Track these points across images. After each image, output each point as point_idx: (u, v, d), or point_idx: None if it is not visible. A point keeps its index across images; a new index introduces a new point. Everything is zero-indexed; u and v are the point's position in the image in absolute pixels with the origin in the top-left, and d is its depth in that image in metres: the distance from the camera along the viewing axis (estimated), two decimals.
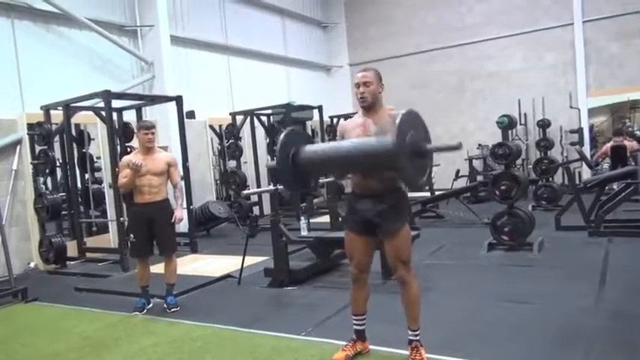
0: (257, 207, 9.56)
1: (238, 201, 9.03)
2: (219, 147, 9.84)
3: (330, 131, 11.69)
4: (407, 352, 2.91)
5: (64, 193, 6.82)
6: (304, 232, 5.50)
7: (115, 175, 6.02)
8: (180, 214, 4.51)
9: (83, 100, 6.38)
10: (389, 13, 12.81)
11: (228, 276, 5.40)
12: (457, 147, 2.55)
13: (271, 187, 5.05)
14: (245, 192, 5.70)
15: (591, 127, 10.96)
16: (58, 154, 6.84)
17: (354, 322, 3.08)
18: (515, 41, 11.45)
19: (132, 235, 4.39)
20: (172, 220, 4.40)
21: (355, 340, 3.07)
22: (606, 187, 7.06)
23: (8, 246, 5.25)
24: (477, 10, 11.86)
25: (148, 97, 7.69)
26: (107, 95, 6.16)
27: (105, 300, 4.89)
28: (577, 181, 8.01)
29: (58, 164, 6.87)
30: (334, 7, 13.59)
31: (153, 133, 4.38)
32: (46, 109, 6.65)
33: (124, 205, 6.54)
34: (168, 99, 7.32)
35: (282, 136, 2.80)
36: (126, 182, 4.27)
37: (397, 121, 2.45)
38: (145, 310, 4.40)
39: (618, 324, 3.41)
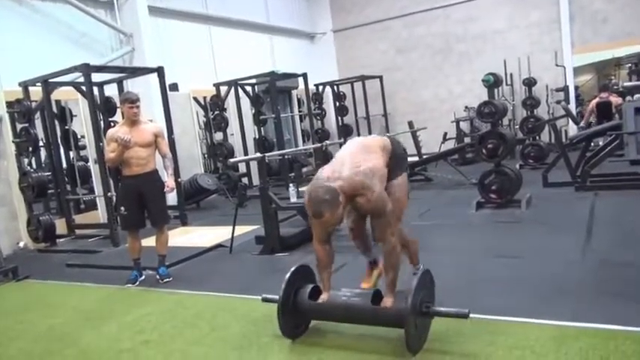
0: (246, 178, 9.53)
1: (227, 173, 8.98)
2: (205, 119, 9.72)
3: (316, 99, 11.60)
4: None
5: (49, 172, 6.73)
6: (294, 199, 5.50)
7: (99, 151, 5.95)
8: (172, 183, 4.51)
9: (62, 74, 6.21)
10: None
11: (219, 246, 5.41)
12: (465, 315, 2.57)
13: (258, 154, 5.02)
14: (232, 160, 5.65)
15: (577, 87, 10.96)
16: (40, 132, 6.71)
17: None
18: (500, 0, 11.32)
19: (122, 208, 4.36)
20: (164, 191, 4.39)
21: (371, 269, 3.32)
22: (592, 143, 7.11)
23: None
24: None
25: (129, 69, 7.53)
26: (86, 69, 6.02)
27: (97, 275, 4.89)
28: (563, 139, 8.05)
29: (41, 143, 6.75)
30: None
31: (138, 107, 4.30)
32: (25, 86, 6.48)
33: (111, 180, 6.50)
34: (149, 70, 7.16)
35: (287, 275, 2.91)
36: (114, 157, 4.23)
37: (414, 283, 2.56)
38: (138, 282, 4.42)
39: (605, 273, 3.48)
